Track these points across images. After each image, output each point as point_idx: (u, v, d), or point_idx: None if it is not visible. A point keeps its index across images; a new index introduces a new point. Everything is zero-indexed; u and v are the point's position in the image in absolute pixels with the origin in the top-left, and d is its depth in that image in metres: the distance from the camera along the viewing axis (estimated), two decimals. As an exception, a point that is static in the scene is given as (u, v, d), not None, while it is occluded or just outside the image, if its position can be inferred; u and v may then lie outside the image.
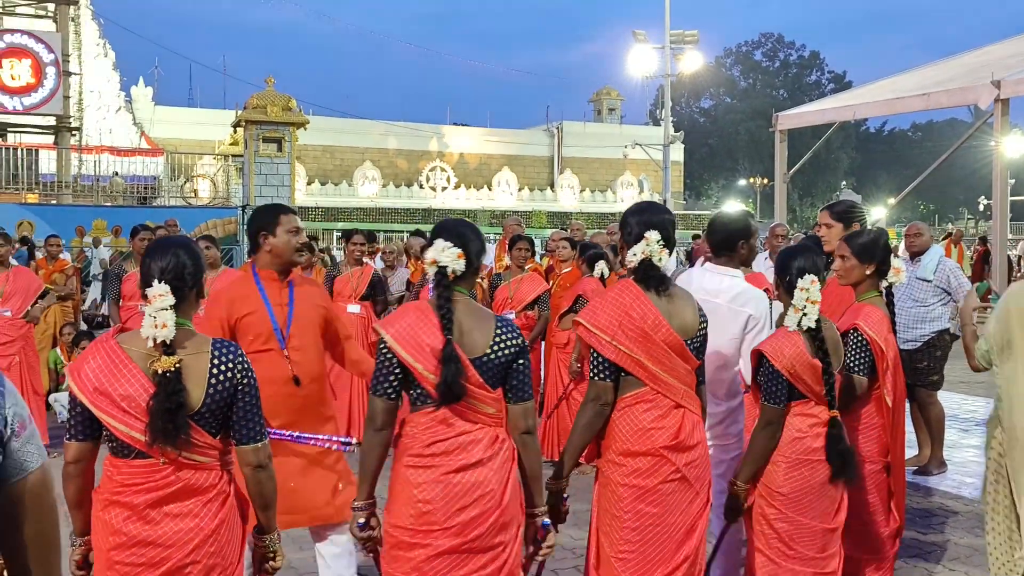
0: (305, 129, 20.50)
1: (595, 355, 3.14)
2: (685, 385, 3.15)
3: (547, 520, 2.99)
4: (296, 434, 3.82)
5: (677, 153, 38.05)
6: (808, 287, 3.39)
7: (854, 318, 3.79)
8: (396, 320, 2.89)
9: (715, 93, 62.95)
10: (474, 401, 2.82)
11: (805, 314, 3.39)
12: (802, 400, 3.41)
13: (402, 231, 27.22)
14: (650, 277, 3.17)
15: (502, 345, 2.88)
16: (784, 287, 3.52)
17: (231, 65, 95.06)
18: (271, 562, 2.83)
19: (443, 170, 36.42)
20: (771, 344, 3.44)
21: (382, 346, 2.84)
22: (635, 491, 3.08)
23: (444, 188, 35.87)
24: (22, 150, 20.62)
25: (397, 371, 2.82)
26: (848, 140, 56.37)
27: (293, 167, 20.03)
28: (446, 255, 2.91)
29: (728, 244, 3.98)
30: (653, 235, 3.17)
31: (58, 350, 9.30)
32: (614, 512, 3.12)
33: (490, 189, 36.61)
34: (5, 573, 1.92)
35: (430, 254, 2.91)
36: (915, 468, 6.40)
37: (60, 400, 8.54)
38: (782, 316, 3.56)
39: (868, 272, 3.91)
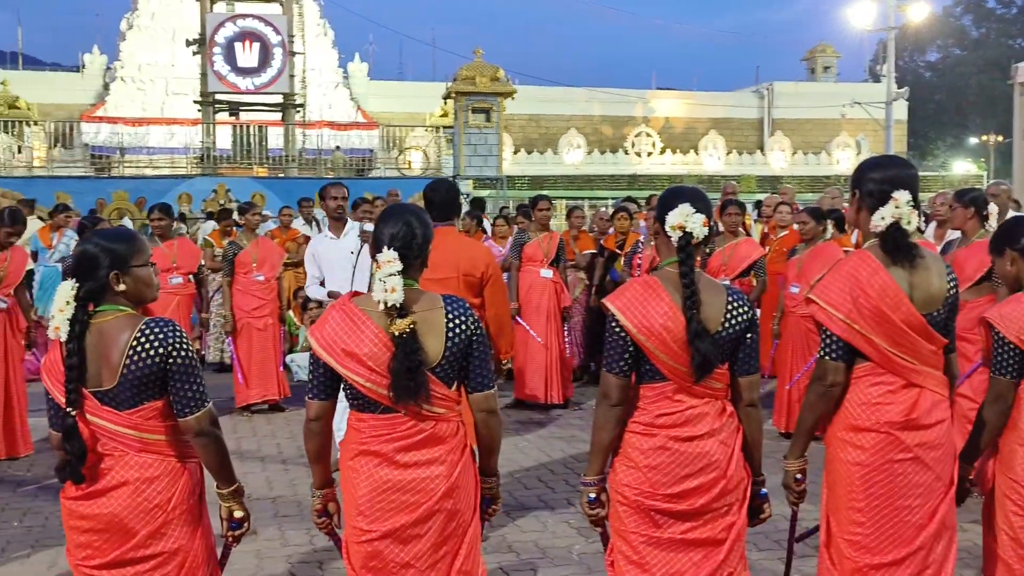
0: (512, 99, 20.80)
1: (826, 333, 2.96)
2: (928, 366, 2.91)
3: (764, 490, 2.94)
4: None
5: (900, 111, 35.64)
6: None
7: None
8: (625, 297, 2.85)
9: (943, 45, 58.48)
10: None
11: None
12: None
13: (607, 198, 27.11)
14: (899, 245, 2.89)
15: (734, 319, 2.82)
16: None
17: (440, 38, 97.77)
18: (493, 505, 2.96)
19: (648, 135, 35.91)
20: (999, 310, 3.11)
21: (613, 323, 2.83)
22: (862, 469, 2.91)
23: (649, 153, 35.39)
24: (253, 127, 22.07)
25: (631, 348, 2.80)
26: (1098, 90, 50.98)
27: (501, 136, 20.39)
28: (693, 220, 2.82)
29: None
30: (903, 195, 2.89)
31: (291, 313, 9.92)
32: (841, 492, 2.97)
33: (696, 153, 35.77)
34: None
35: (675, 219, 2.82)
36: None
37: (296, 361, 9.11)
38: None
39: None
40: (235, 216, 10.01)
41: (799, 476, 3.05)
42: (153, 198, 9.61)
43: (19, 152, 21.07)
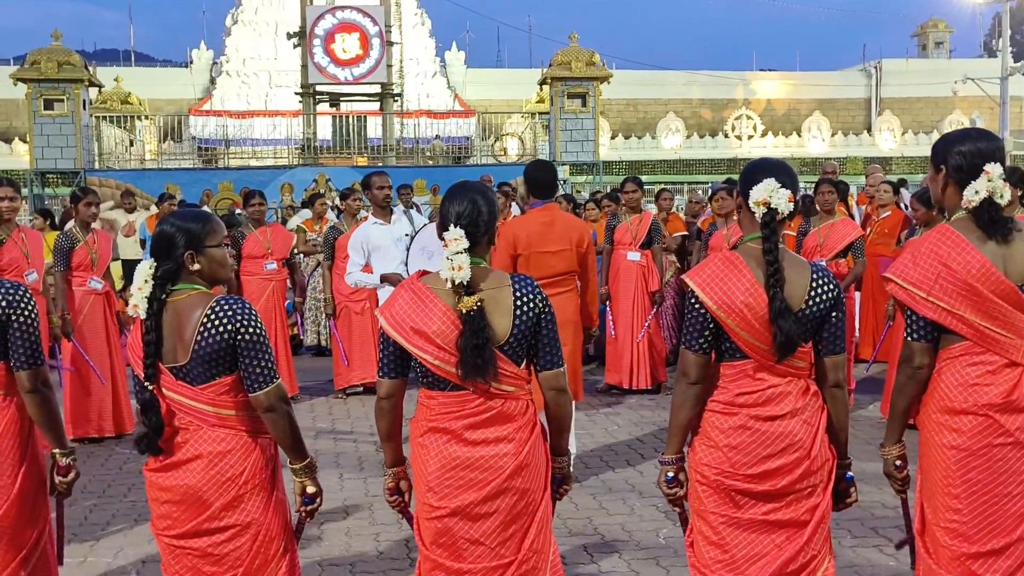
0: (608, 83, 20.57)
1: (909, 313, 2.85)
2: None
3: (850, 473, 2.88)
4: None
5: (1018, 87, 34.01)
6: None
7: None
8: (705, 273, 2.79)
9: (1065, 16, 55.55)
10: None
11: None
12: None
13: (706, 182, 26.65)
14: (993, 220, 2.76)
15: (818, 298, 2.75)
16: None
17: (536, 24, 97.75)
18: (564, 484, 2.94)
19: (749, 118, 35.13)
20: None
21: (692, 299, 2.78)
22: (958, 454, 2.78)
23: (750, 137, 34.63)
24: (352, 117, 22.41)
25: (711, 325, 2.75)
26: None
27: (597, 121, 20.21)
28: (778, 196, 2.74)
29: None
30: (995, 168, 2.76)
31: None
32: (937, 478, 2.84)
33: (799, 136, 34.86)
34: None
35: (759, 194, 2.75)
36: None
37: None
38: None
39: None
40: (337, 202, 10.20)
41: (899, 463, 2.96)
42: (256, 188, 9.84)
43: (131, 146, 21.89)
